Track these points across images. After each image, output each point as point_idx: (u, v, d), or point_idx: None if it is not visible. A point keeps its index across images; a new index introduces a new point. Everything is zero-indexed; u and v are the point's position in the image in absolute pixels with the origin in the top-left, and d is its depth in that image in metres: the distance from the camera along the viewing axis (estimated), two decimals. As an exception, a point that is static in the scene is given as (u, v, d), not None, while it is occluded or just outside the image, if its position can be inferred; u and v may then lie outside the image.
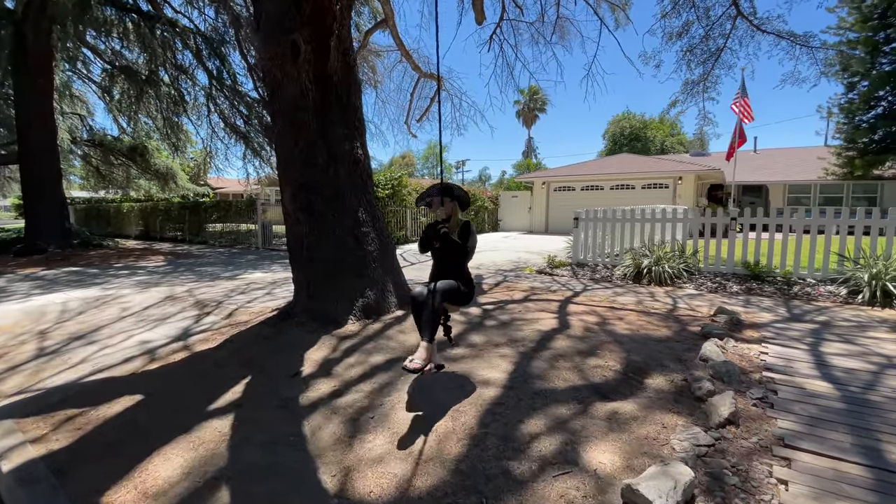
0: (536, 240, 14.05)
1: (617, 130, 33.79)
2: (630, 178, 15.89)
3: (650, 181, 15.71)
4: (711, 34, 7.44)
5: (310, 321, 4.13)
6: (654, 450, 2.17)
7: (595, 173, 16.48)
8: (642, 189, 15.79)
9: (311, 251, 4.31)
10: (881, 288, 5.38)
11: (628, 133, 33.02)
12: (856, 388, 2.70)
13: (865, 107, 15.66)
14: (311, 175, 4.30)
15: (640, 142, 32.38)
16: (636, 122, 33.32)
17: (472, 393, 2.81)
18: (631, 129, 32.95)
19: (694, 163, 16.62)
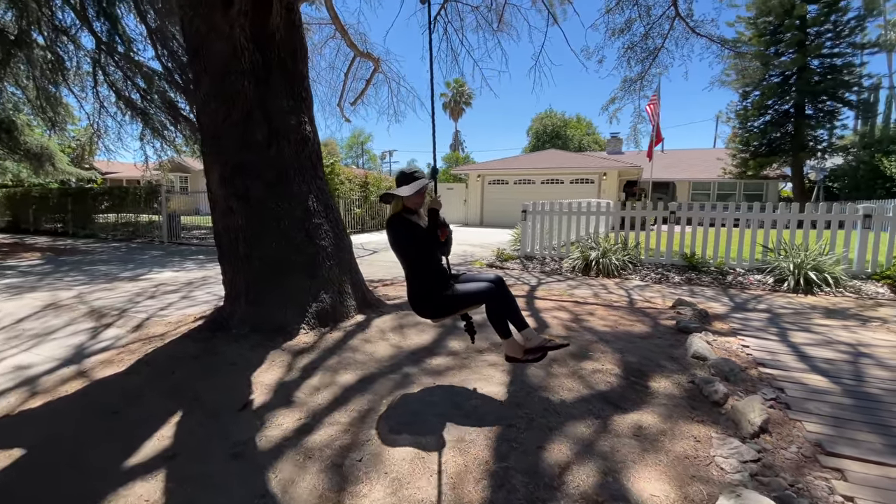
0: (474, 232, 13.92)
1: (540, 127, 35.09)
2: (559, 174, 16.41)
3: (578, 176, 16.35)
4: (651, 33, 7.66)
5: (251, 333, 3.39)
6: (702, 472, 1.91)
7: (527, 167, 16.79)
8: (570, 184, 16.38)
9: (250, 247, 3.55)
10: (804, 276, 5.85)
11: (550, 130, 34.44)
12: (849, 382, 2.71)
13: (757, 114, 17.76)
14: (248, 154, 3.52)
15: (561, 139, 33.94)
16: (557, 121, 34.86)
17: (471, 412, 2.37)
18: (553, 126, 34.41)
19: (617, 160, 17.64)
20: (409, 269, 2.57)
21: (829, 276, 5.81)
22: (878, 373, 2.86)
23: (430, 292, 2.49)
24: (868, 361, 3.06)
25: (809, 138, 17.08)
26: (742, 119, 18.49)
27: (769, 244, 6.74)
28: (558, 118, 35.24)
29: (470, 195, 17.64)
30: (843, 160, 16.68)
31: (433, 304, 2.52)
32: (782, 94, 16.73)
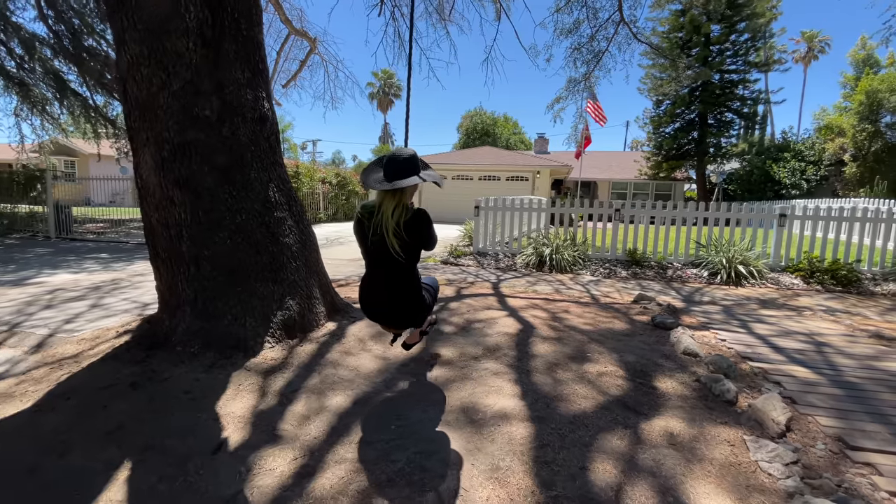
0: (414, 228, 13.56)
1: (470, 125, 35.46)
2: (496, 171, 16.63)
3: (513, 174, 16.69)
4: (597, 36, 7.89)
5: (203, 350, 2.80)
6: (753, 480, 1.84)
7: (465, 163, 16.78)
8: (506, 181, 16.68)
9: (198, 246, 2.93)
10: (735, 270, 6.39)
11: (480, 128, 34.95)
12: (828, 372, 2.87)
13: (669, 121, 19.50)
14: (193, 132, 2.89)
15: (490, 137, 34.61)
16: (487, 119, 35.48)
17: (495, 434, 2.11)
18: (483, 124, 34.95)
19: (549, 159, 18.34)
20: (412, 270, 2.25)
21: (754, 269, 6.40)
22: (844, 361, 3.08)
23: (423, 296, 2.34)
24: (829, 350, 3.30)
25: (711, 145, 19.14)
26: (655, 125, 20.21)
27: (701, 241, 7.29)
28: (488, 116, 35.88)
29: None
30: (739, 165, 18.95)
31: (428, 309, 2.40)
32: (689, 104, 18.53)
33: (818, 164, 16.97)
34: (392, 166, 2.07)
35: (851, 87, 17.62)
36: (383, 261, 2.14)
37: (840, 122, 17.11)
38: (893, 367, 2.97)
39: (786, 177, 16.54)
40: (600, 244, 7.66)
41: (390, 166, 2.08)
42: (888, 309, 5.08)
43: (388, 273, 2.19)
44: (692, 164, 19.93)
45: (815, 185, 16.88)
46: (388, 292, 2.23)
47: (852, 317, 4.57)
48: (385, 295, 2.23)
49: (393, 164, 2.07)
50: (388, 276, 2.20)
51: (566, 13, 7.81)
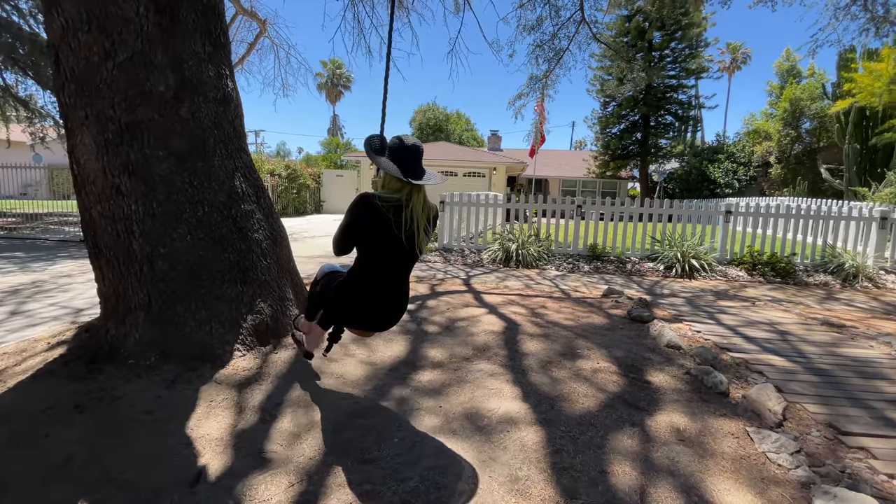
0: (371, 224, 13.19)
1: (423, 120, 35.14)
2: (453, 166, 16.56)
3: (470, 170, 16.72)
4: (559, 34, 7.98)
5: (161, 361, 2.44)
6: (765, 472, 1.84)
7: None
8: (463, 177, 16.68)
9: (152, 243, 2.55)
10: (689, 263, 6.72)
11: (433, 123, 34.74)
12: (799, 359, 3.02)
13: (616, 121, 20.40)
14: (145, 111, 2.51)
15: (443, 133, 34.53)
16: (440, 115, 35.32)
17: (506, 441, 1.98)
18: (436, 120, 34.76)
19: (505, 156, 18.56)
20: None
21: (704, 263, 6.78)
22: (809, 348, 3.26)
23: None
24: (793, 338, 3.50)
25: (653, 146, 20.26)
26: (603, 126, 21.07)
27: (657, 236, 7.62)
28: (441, 112, 35.73)
29: (363, 183, 16.73)
30: (678, 165, 20.21)
31: None
32: (634, 107, 19.49)
33: (748, 166, 18.54)
34: (421, 159, 1.92)
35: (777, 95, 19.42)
36: (405, 259, 1.96)
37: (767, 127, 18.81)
38: (852, 353, 3.18)
39: (720, 176, 17.91)
40: (562, 240, 7.78)
41: (420, 159, 1.91)
42: (823, 298, 5.54)
43: (405, 272, 2.01)
44: (636, 164, 21.02)
45: (745, 184, 18.43)
46: (402, 293, 2.04)
47: (796, 306, 4.93)
48: (399, 296, 2.03)
49: (421, 157, 1.92)
50: (405, 276, 2.02)
51: (529, 9, 7.82)
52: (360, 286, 1.97)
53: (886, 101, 10.43)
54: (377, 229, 1.85)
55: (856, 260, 6.65)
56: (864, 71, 10.95)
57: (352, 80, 44.51)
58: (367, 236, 1.89)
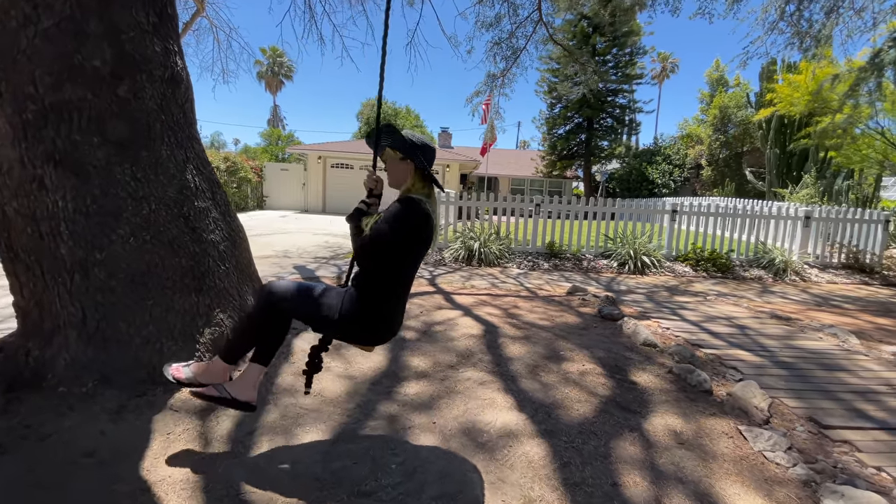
0: (322, 221, 12.61)
1: (371, 114, 34.37)
2: (406, 162, 16.27)
3: (423, 166, 16.52)
4: (517, 33, 7.99)
5: (101, 387, 2.06)
6: (766, 472, 1.85)
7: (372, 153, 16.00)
8: (416, 173, 16.45)
9: (85, 246, 2.14)
10: (640, 260, 7.01)
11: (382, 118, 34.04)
12: (763, 353, 3.17)
13: (563, 122, 21.06)
14: (76, 90, 2.10)
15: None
16: (388, 109, 34.70)
17: (511, 458, 1.86)
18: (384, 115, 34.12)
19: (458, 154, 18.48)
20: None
21: (654, 259, 7.10)
22: (768, 342, 3.44)
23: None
24: (751, 332, 3.68)
25: (596, 147, 21.17)
26: (550, 126, 21.70)
27: (609, 234, 7.88)
28: (389, 107, 35.09)
29: (310, 178, 15.95)
30: (619, 165, 21.26)
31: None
32: (579, 109, 20.22)
33: (682, 167, 19.91)
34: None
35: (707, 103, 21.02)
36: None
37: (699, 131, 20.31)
38: (807, 345, 3.39)
39: (658, 177, 19.08)
40: (521, 238, 7.83)
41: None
42: (761, 291, 5.97)
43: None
44: (580, 164, 21.87)
45: (680, 185, 19.78)
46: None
47: (740, 299, 5.25)
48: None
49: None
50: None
51: (488, 6, 7.75)
52: (391, 305, 1.69)
53: (803, 110, 11.55)
54: (424, 241, 1.63)
55: (784, 255, 7.25)
56: (784, 82, 12.06)
57: (294, 69, 42.59)
58: (414, 251, 1.65)
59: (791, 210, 7.99)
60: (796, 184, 12.61)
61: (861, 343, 3.50)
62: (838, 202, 11.13)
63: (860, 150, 10.96)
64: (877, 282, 7.07)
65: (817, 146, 11.94)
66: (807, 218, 7.70)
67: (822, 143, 11.67)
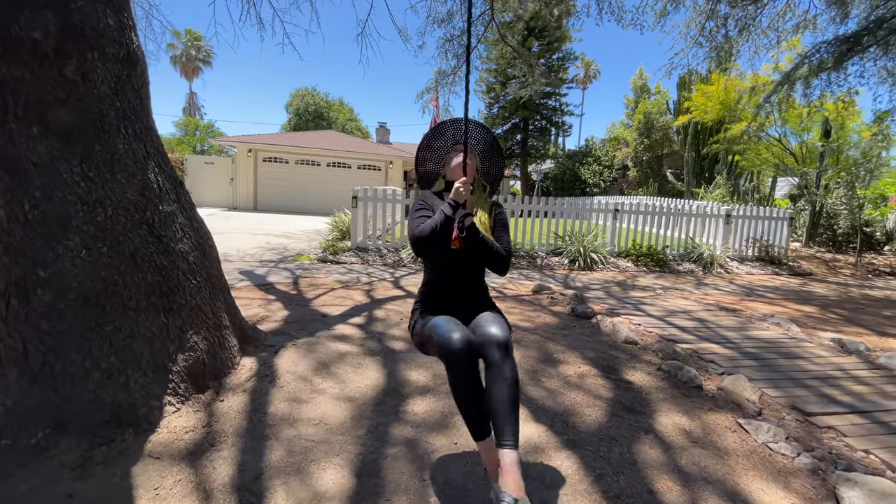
0: (256, 219, 11.71)
1: (301, 105, 32.67)
2: (347, 158, 15.63)
3: (365, 162, 15.99)
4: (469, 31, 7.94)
5: (56, 436, 1.67)
6: (776, 463, 1.96)
7: (311, 147, 15.21)
8: (358, 169, 15.88)
9: (24, 262, 1.72)
10: (589, 257, 7.35)
11: (313, 110, 32.53)
12: (731, 345, 3.40)
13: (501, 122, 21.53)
14: (9, 67, 1.68)
15: (325, 120, 32.56)
16: (320, 101, 33.20)
17: (546, 475, 1.79)
18: (315, 105, 32.60)
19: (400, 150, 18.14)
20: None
21: (601, 256, 7.48)
22: (728, 333, 3.72)
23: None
24: (711, 325, 3.96)
25: (532, 147, 21.96)
26: (488, 125, 22.12)
27: (559, 231, 8.16)
28: (321, 98, 33.61)
29: (239, 173, 14.74)
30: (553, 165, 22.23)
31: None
32: (515, 110, 20.83)
33: (611, 168, 21.29)
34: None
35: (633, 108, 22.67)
36: None
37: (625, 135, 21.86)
38: (760, 335, 3.71)
39: (590, 177, 20.25)
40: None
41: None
42: (696, 283, 6.51)
43: None
44: (517, 164, 22.57)
45: (609, 184, 21.13)
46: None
47: (683, 292, 5.69)
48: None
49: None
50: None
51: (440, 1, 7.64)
52: None
53: (714, 118, 12.86)
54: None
55: (710, 250, 7.98)
56: (698, 92, 13.33)
57: (212, 54, 39.28)
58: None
59: (714, 209, 8.82)
60: (709, 184, 14.00)
61: (802, 331, 3.91)
62: (745, 201, 12.54)
63: (761, 154, 12.43)
64: (785, 272, 8.04)
65: (727, 150, 13.35)
66: (727, 216, 8.54)
67: (731, 148, 13.08)
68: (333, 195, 14.00)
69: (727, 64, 13.30)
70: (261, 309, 3.60)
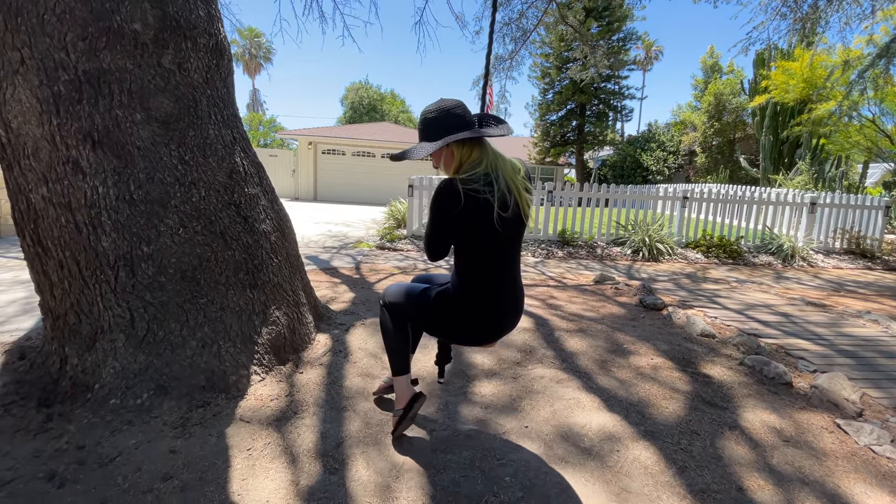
0: (317, 209, 12.23)
1: (356, 98, 33.54)
2: (401, 148, 15.88)
3: (417, 152, 16.18)
4: (527, 13, 7.74)
5: (159, 398, 1.83)
6: (880, 468, 1.77)
7: (367, 139, 15.61)
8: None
9: (130, 239, 1.89)
10: (655, 247, 6.97)
11: (367, 103, 33.32)
12: (823, 342, 3.11)
13: (557, 109, 20.90)
14: (114, 58, 1.83)
15: (378, 113, 33.28)
16: (374, 94, 33.92)
17: (623, 464, 1.72)
18: (369, 99, 33.35)
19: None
20: None
21: (668, 246, 7.08)
22: (818, 329, 3.39)
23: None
24: (797, 320, 3.63)
25: (589, 133, 21.12)
26: (542, 112, 21.52)
27: (621, 221, 7.82)
28: (374, 91, 34.36)
29: (300, 165, 15.44)
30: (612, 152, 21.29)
31: None
32: (572, 95, 20.08)
33: (676, 154, 20.06)
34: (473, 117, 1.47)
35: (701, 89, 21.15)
36: (515, 249, 1.53)
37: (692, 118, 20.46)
38: (855, 332, 3.36)
39: (652, 164, 19.19)
40: (532, 226, 7.71)
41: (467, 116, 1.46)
42: (776, 277, 5.99)
43: (517, 264, 1.57)
44: (573, 151, 21.82)
45: (674, 171, 19.94)
46: (520, 291, 1.60)
47: (761, 286, 5.25)
48: (518, 296, 1.60)
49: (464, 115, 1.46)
50: (518, 269, 1.58)
51: (498, -17, 7.46)
52: (481, 296, 1.52)
53: (797, 97, 11.68)
54: (476, 223, 1.41)
55: (791, 241, 7.32)
56: (778, 69, 12.15)
57: (272, 50, 41.12)
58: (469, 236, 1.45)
59: (797, 197, 8.06)
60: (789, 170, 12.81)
61: (906, 329, 3.49)
62: (831, 188, 11.36)
63: (851, 136, 11.16)
64: (879, 266, 7.21)
65: (810, 133, 12.12)
66: (812, 204, 7.78)
67: (815, 131, 11.85)
68: (388, 185, 14.31)
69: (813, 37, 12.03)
70: (329, 291, 3.75)
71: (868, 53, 8.89)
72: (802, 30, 7.78)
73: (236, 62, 40.70)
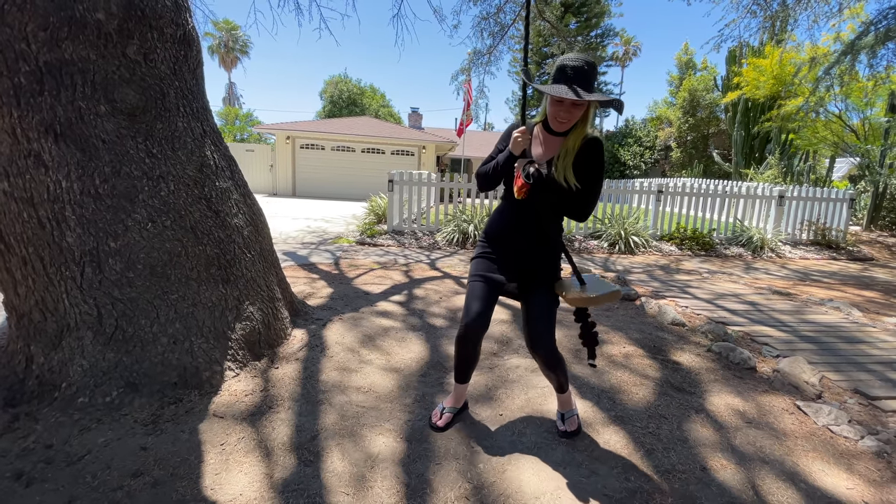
0: (295, 205, 12.05)
1: (335, 92, 33.04)
2: (380, 143, 15.75)
3: (399, 148, 16.06)
4: (505, 8, 7.76)
5: (129, 395, 1.80)
6: (838, 446, 1.87)
7: (345, 133, 15.43)
8: (391, 154, 15.98)
9: (96, 234, 1.85)
10: (630, 240, 7.13)
11: (346, 97, 32.87)
12: (787, 329, 3.24)
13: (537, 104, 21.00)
14: (76, 48, 1.77)
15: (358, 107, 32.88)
16: (353, 88, 33.48)
17: (594, 448, 1.77)
18: (349, 93, 32.90)
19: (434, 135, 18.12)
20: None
21: (643, 239, 7.24)
22: (783, 317, 3.54)
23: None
24: (763, 308, 3.78)
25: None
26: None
27: (598, 215, 7.94)
28: (354, 85, 33.90)
29: (278, 160, 15.17)
30: (591, 148, 21.45)
31: None
32: (551, 90, 20.18)
33: (653, 149, 20.44)
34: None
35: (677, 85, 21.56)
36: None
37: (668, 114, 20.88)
38: (818, 318, 3.51)
39: (629, 159, 19.52)
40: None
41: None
42: (745, 268, 6.20)
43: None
44: (552, 146, 21.99)
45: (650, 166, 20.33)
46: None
47: (732, 276, 5.44)
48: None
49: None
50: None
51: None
52: None
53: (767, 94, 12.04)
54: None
55: (760, 233, 7.57)
56: (750, 66, 12.49)
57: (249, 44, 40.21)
58: None
59: (766, 190, 8.33)
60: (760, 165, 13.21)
61: (864, 315, 3.67)
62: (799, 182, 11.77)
63: (818, 132, 11.57)
64: (843, 257, 7.53)
65: (780, 129, 12.51)
66: (780, 197, 8.06)
67: (784, 126, 12.24)
68: (368, 180, 14.21)
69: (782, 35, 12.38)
70: (306, 286, 3.72)
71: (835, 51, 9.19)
72: (772, 27, 8.01)
73: (211, 55, 39.77)
